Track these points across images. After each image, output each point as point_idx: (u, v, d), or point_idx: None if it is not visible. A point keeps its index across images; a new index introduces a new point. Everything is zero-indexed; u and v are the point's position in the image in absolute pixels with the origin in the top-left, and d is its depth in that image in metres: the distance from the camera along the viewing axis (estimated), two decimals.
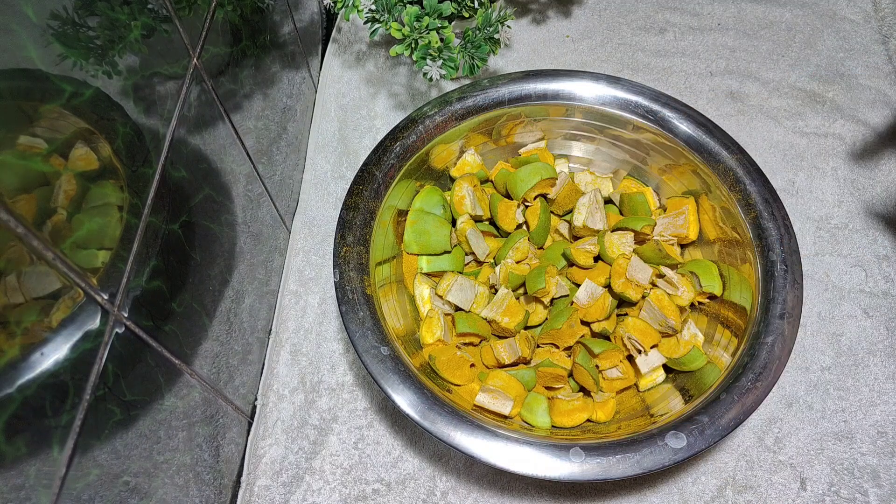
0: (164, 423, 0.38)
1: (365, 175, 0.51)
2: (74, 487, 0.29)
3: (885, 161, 0.61)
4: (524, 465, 0.40)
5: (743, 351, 0.43)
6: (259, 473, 0.49)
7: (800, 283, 0.45)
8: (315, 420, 0.51)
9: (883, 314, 0.53)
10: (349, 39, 0.73)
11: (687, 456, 0.39)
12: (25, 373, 0.26)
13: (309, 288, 0.58)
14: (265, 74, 0.55)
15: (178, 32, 0.39)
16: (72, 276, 0.29)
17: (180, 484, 0.41)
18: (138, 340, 0.35)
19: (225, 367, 0.47)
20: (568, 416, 0.46)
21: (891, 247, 0.57)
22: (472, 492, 0.48)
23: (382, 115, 0.68)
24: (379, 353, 0.44)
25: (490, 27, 0.56)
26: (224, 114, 0.46)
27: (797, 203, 0.59)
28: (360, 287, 0.46)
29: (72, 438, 0.29)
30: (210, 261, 0.44)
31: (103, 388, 0.31)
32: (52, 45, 0.28)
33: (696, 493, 0.47)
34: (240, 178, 0.50)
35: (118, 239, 0.33)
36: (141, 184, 0.35)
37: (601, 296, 0.49)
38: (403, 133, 0.53)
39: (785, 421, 0.50)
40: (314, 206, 0.63)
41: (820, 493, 0.47)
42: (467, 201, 0.54)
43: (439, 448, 0.50)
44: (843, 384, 0.51)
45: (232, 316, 0.48)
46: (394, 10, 0.56)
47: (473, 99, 0.54)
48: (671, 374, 0.49)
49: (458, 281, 0.50)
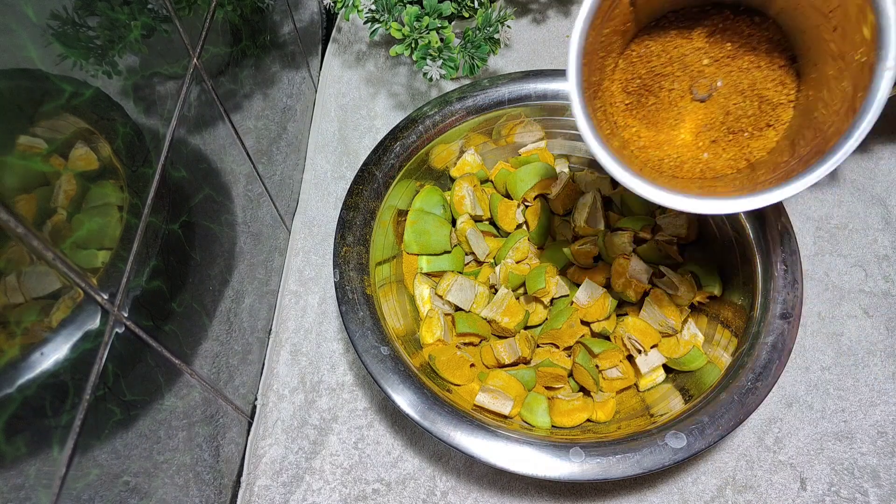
0: (164, 423, 0.38)
1: (365, 175, 0.51)
2: (74, 487, 0.29)
3: (885, 161, 0.61)
4: (524, 465, 0.40)
5: (743, 351, 0.43)
6: (259, 473, 0.49)
7: (800, 283, 0.45)
8: (315, 420, 0.51)
9: (883, 314, 0.53)
10: (349, 39, 0.73)
11: (687, 456, 0.39)
12: (25, 373, 0.26)
13: (309, 288, 0.58)
14: (265, 74, 0.55)
15: (178, 32, 0.39)
16: (72, 276, 0.29)
17: (180, 484, 0.41)
18: (138, 340, 0.35)
19: (225, 367, 0.47)
20: (568, 416, 0.46)
21: (891, 247, 0.57)
22: (472, 492, 0.48)
23: (382, 115, 0.68)
24: (379, 353, 0.44)
25: (490, 27, 0.56)
26: (224, 114, 0.46)
27: (797, 203, 0.59)
28: (360, 287, 0.46)
29: (72, 438, 0.29)
30: (210, 261, 0.44)
31: (103, 388, 0.31)
32: (52, 45, 0.28)
33: (696, 493, 0.47)
34: (240, 178, 0.50)
35: (118, 239, 0.33)
36: (141, 184, 0.35)
37: (601, 296, 0.49)
38: (403, 133, 0.53)
39: (785, 421, 0.50)
40: (314, 206, 0.63)
41: (820, 493, 0.47)
42: (467, 201, 0.54)
43: (439, 448, 0.50)
44: (843, 384, 0.51)
45: (232, 316, 0.48)
46: (394, 10, 0.56)
47: (473, 99, 0.54)
48: (671, 374, 0.49)
49: (458, 281, 0.50)
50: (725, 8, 0.40)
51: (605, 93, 0.42)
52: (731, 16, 0.40)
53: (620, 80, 0.42)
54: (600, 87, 0.41)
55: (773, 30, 0.39)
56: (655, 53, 0.41)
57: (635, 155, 0.42)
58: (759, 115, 0.40)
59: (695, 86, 0.41)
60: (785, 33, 0.39)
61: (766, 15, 0.39)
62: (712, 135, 0.41)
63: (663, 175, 0.41)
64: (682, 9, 0.41)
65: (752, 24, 0.39)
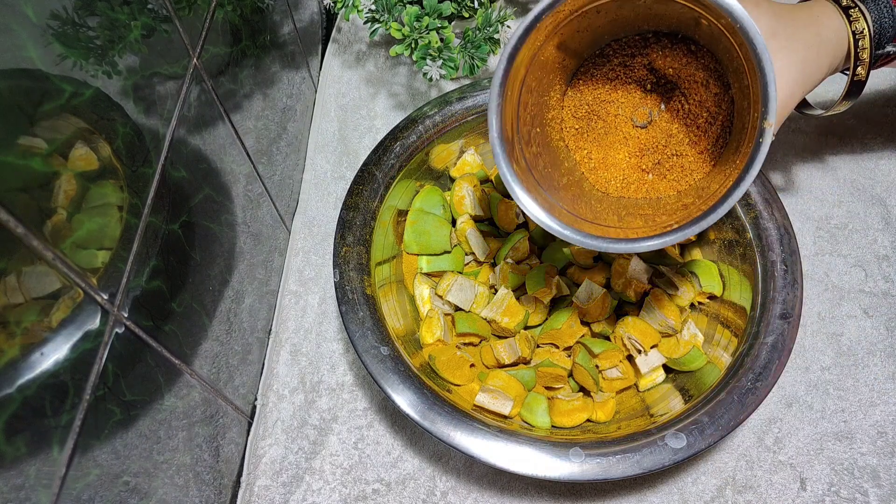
0: (164, 423, 0.38)
1: (365, 175, 0.51)
2: (74, 487, 0.29)
3: (885, 161, 0.61)
4: (524, 465, 0.40)
5: (743, 351, 0.43)
6: (259, 473, 0.49)
7: (800, 283, 0.45)
8: (315, 420, 0.51)
9: (883, 314, 0.53)
10: (349, 39, 0.73)
11: (687, 456, 0.39)
12: (25, 373, 0.26)
13: (309, 288, 0.58)
14: (265, 74, 0.55)
15: (178, 32, 0.39)
16: (72, 276, 0.29)
17: (180, 484, 0.41)
18: (138, 340, 0.35)
19: (225, 367, 0.47)
20: (568, 416, 0.46)
21: (891, 247, 0.57)
22: (472, 492, 0.48)
23: (382, 115, 0.68)
24: (379, 353, 0.44)
25: (490, 27, 0.56)
26: (224, 114, 0.46)
27: (797, 203, 0.59)
28: (360, 287, 0.46)
29: (72, 438, 0.29)
30: (210, 261, 0.44)
31: (103, 388, 0.31)
32: (52, 45, 0.28)
33: (696, 493, 0.47)
34: (240, 178, 0.50)
35: (118, 239, 0.33)
36: (141, 184, 0.35)
37: (601, 296, 0.49)
38: (403, 133, 0.53)
39: (785, 421, 0.50)
40: (314, 206, 0.63)
41: (820, 493, 0.47)
42: (467, 201, 0.54)
43: (439, 448, 0.50)
44: (843, 384, 0.51)
45: (232, 316, 0.48)
46: (394, 10, 0.56)
47: (473, 99, 0.54)
48: (671, 374, 0.49)
49: (458, 281, 0.50)
50: (664, 36, 0.41)
51: (553, 121, 0.44)
52: (670, 44, 0.41)
53: (570, 106, 0.44)
54: (545, 119, 0.43)
55: (708, 58, 0.40)
56: (600, 82, 0.43)
57: (586, 177, 0.44)
58: (696, 141, 0.41)
59: (634, 114, 0.43)
60: (718, 60, 0.40)
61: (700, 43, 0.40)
62: (656, 157, 0.43)
63: (608, 197, 0.43)
64: (624, 38, 0.42)
65: (689, 53, 0.40)
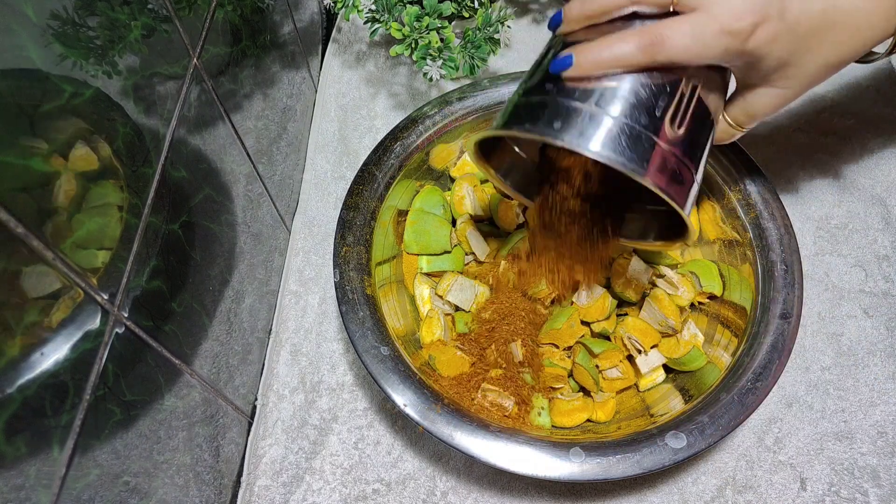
0: (164, 423, 0.38)
1: (365, 175, 0.51)
2: (74, 487, 0.29)
3: (885, 161, 0.61)
4: (524, 465, 0.40)
5: (743, 351, 0.43)
6: (259, 473, 0.49)
7: (800, 283, 0.45)
8: (315, 420, 0.51)
9: (883, 314, 0.53)
10: (349, 39, 0.73)
11: (687, 456, 0.39)
12: (25, 373, 0.26)
13: (309, 288, 0.58)
14: (265, 74, 0.55)
15: (178, 32, 0.39)
16: (72, 276, 0.29)
17: (180, 484, 0.41)
18: (138, 340, 0.35)
19: (225, 367, 0.47)
20: (568, 416, 0.46)
21: (891, 247, 0.57)
22: (472, 492, 0.48)
23: (382, 115, 0.68)
24: (379, 353, 0.44)
25: (490, 27, 0.56)
26: (224, 114, 0.46)
27: (797, 203, 0.59)
28: (360, 287, 0.46)
29: (72, 438, 0.29)
30: (210, 261, 0.44)
31: (103, 388, 0.31)
32: (52, 45, 0.28)
33: (696, 493, 0.47)
34: (240, 178, 0.50)
35: (118, 239, 0.33)
36: (141, 184, 0.35)
37: (601, 296, 0.49)
38: (403, 133, 0.53)
39: (785, 421, 0.50)
40: (314, 206, 0.63)
41: (820, 493, 0.47)
42: (467, 201, 0.54)
43: (439, 448, 0.50)
44: (843, 384, 0.51)
45: (232, 316, 0.48)
46: (394, 10, 0.56)
47: (473, 99, 0.54)
48: (671, 374, 0.49)
49: (458, 281, 0.50)
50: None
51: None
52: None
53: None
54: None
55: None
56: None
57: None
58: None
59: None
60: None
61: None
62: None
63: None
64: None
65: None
